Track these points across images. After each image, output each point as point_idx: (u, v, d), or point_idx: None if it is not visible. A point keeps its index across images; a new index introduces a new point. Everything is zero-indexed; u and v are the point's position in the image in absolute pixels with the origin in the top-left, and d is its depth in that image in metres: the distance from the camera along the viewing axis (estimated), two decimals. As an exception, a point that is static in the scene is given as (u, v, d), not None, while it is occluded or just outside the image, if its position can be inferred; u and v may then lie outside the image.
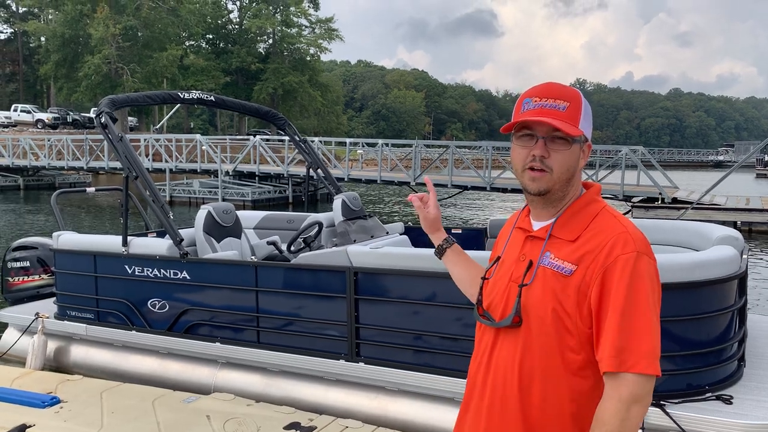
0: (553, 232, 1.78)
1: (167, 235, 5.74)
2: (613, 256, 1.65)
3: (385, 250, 4.70)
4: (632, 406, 1.60)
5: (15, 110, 51.37)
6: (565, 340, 1.70)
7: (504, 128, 1.80)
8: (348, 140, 28.35)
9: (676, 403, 3.81)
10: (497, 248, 2.01)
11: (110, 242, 5.88)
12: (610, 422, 1.60)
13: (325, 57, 79.45)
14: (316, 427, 4.32)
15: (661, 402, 3.79)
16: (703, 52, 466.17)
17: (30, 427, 4.34)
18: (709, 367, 4.00)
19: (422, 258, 4.46)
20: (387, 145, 26.20)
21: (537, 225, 1.84)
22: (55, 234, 6.26)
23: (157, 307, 5.61)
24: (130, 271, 5.69)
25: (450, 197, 26.00)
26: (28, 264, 7.00)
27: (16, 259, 7.02)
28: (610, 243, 1.67)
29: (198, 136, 30.36)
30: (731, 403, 3.84)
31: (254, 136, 31.68)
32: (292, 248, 5.88)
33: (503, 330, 1.80)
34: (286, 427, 4.34)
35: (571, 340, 1.70)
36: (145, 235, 6.35)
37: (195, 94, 6.73)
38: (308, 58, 66.86)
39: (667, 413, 3.72)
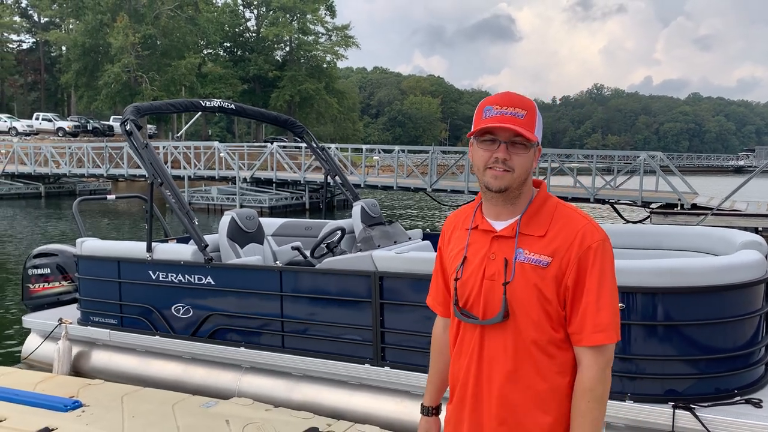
0: (521, 230, 1.96)
1: (191, 241, 5.75)
2: (585, 245, 1.90)
3: (411, 254, 4.69)
4: (607, 369, 1.90)
5: (37, 118, 52.12)
6: (549, 323, 1.92)
7: (470, 134, 1.97)
8: (364, 147, 28.41)
9: (705, 406, 3.77)
10: (449, 248, 2.15)
11: (134, 248, 5.92)
12: (596, 388, 1.88)
13: (341, 64, 79.96)
14: (333, 432, 4.31)
15: (691, 405, 3.76)
16: (723, 55, 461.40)
17: (53, 430, 4.36)
18: (737, 371, 3.96)
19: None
20: (403, 151, 26.19)
21: (499, 225, 2.01)
22: (78, 240, 6.30)
23: (181, 312, 5.64)
24: (154, 277, 5.72)
25: (466, 203, 25.92)
26: (48, 271, 7.05)
27: (36, 266, 7.08)
28: (580, 234, 1.91)
29: (216, 143, 30.62)
30: (761, 407, 3.79)
31: (271, 143, 31.85)
32: (315, 253, 5.88)
33: (488, 326, 1.96)
34: (305, 432, 4.33)
35: (552, 322, 1.92)
36: (166, 241, 6.38)
37: (216, 103, 6.76)
38: (325, 65, 67.23)
39: (697, 417, 3.69)
